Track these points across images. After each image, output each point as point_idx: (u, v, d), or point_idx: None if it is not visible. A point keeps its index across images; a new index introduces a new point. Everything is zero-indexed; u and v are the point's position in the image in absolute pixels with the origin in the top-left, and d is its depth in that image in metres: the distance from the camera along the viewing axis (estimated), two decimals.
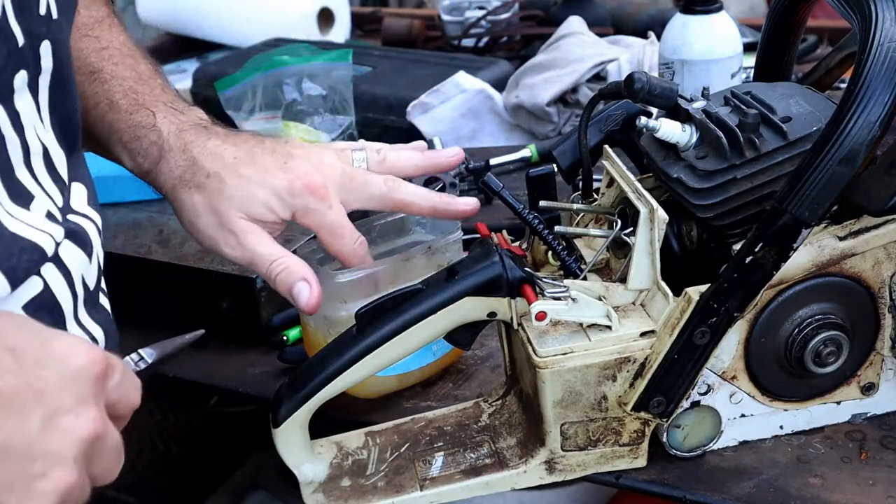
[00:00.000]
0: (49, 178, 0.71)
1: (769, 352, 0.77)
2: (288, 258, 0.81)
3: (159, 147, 0.85)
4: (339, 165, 0.84)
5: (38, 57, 0.69)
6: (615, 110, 0.86)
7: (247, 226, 0.82)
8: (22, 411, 0.52)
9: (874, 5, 0.69)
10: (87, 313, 0.73)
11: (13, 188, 0.67)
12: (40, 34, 0.69)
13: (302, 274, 0.80)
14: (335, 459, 0.81)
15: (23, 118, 0.68)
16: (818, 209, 0.69)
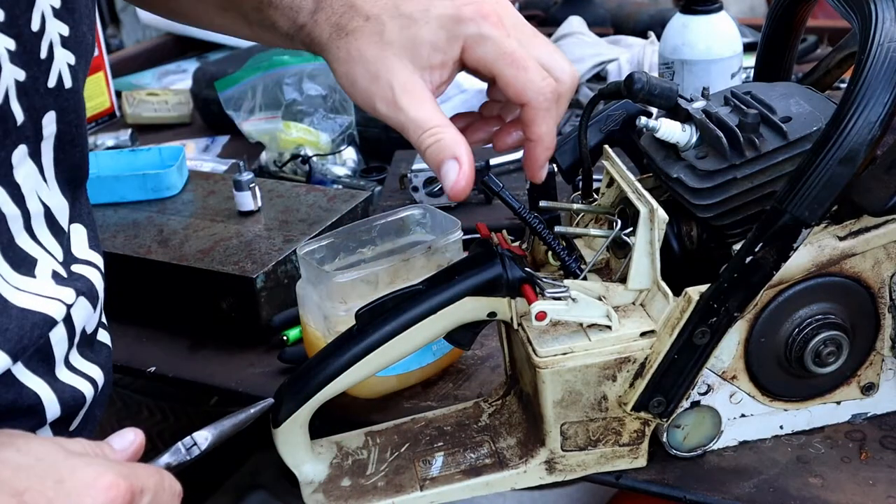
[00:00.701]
0: (50, 234, 0.69)
1: (769, 352, 0.77)
2: (444, 129, 0.71)
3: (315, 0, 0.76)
4: (517, 12, 0.74)
5: (38, 128, 0.67)
6: (615, 110, 0.86)
7: (407, 80, 0.71)
8: None
9: (874, 5, 0.69)
10: (81, 356, 0.71)
11: (15, 258, 0.65)
12: (44, 107, 0.67)
13: (455, 151, 0.70)
14: (335, 459, 0.81)
15: (24, 189, 0.66)
16: (818, 209, 0.69)
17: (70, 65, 0.69)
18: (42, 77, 0.66)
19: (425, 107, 0.71)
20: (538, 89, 0.71)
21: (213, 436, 0.68)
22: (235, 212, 1.09)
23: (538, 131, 0.73)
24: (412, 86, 0.72)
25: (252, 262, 0.99)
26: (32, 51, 0.65)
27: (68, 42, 0.68)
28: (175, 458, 0.68)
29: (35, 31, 0.65)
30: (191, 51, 1.90)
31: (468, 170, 0.70)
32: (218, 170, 1.38)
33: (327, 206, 1.09)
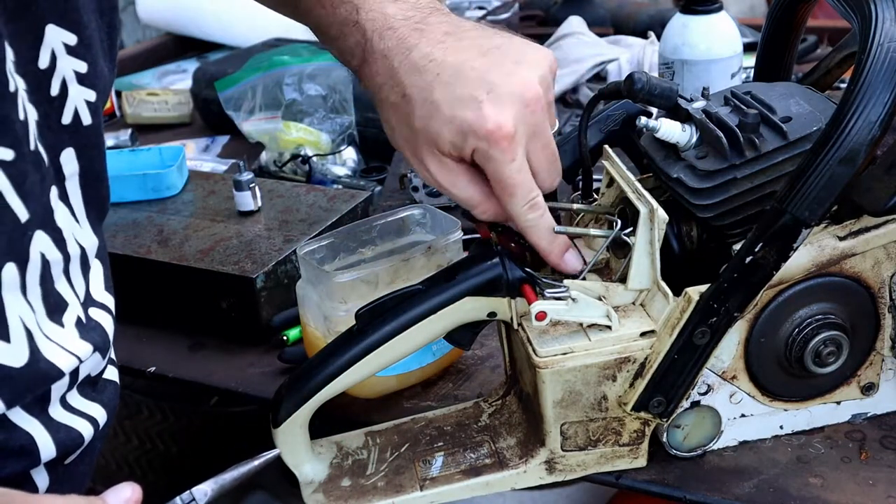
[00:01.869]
0: (80, 274, 0.69)
1: (769, 352, 0.77)
2: (481, 205, 0.76)
3: (362, 48, 0.76)
4: (545, 103, 0.74)
5: (58, 167, 0.67)
6: (615, 110, 0.86)
7: (438, 163, 0.75)
8: None
9: (874, 5, 0.69)
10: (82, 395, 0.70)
11: (51, 303, 0.65)
12: (59, 144, 0.67)
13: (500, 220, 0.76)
14: (335, 459, 0.81)
15: (64, 233, 0.66)
16: (818, 209, 0.69)
17: (88, 101, 0.69)
18: (54, 114, 0.66)
19: (459, 184, 0.75)
20: (518, 213, 0.75)
21: (212, 491, 0.67)
22: (235, 212, 1.09)
23: (533, 240, 0.76)
24: (443, 167, 0.75)
25: (252, 262, 0.99)
26: (41, 88, 0.64)
27: (85, 79, 0.68)
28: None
29: (44, 68, 0.64)
30: (191, 51, 1.90)
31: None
32: (218, 170, 1.38)
33: (327, 206, 1.09)
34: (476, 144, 0.72)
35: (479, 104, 0.71)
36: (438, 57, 0.73)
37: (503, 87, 0.72)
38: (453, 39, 0.74)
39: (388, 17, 0.75)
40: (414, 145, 0.75)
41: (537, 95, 0.73)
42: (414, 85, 0.73)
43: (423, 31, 0.75)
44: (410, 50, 0.74)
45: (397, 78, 0.74)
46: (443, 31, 0.75)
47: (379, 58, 0.75)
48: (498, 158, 0.72)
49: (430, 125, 0.73)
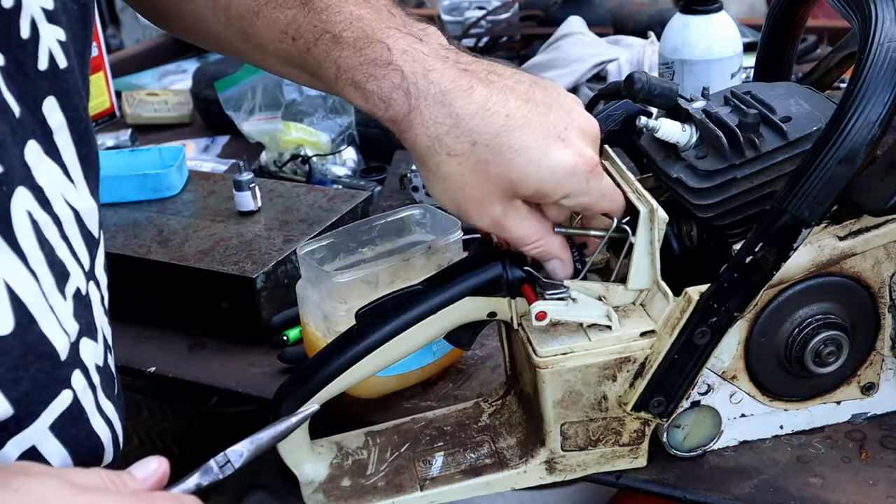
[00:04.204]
0: (82, 241, 0.65)
1: (769, 352, 0.77)
2: (544, 239, 0.73)
3: (405, 92, 0.69)
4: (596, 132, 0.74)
5: (42, 120, 0.62)
6: (615, 110, 0.86)
7: (510, 208, 0.71)
8: None
9: (874, 5, 0.69)
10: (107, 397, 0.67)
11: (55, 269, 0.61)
12: (39, 93, 0.61)
13: (555, 254, 0.74)
14: (335, 459, 0.81)
15: (47, 192, 0.61)
16: (818, 209, 0.69)
17: (60, 41, 0.63)
18: (29, 60, 0.60)
19: (525, 224, 0.72)
20: (619, 206, 0.74)
21: (248, 452, 0.63)
22: (235, 212, 1.09)
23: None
24: (514, 211, 0.72)
25: (252, 262, 0.99)
26: (9, 31, 0.59)
27: (54, 16, 0.62)
28: (206, 478, 0.62)
29: (8, 7, 0.58)
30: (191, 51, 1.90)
31: (568, 262, 0.75)
32: (218, 170, 1.38)
33: (327, 206, 1.09)
34: (575, 185, 0.70)
35: (566, 143, 0.69)
36: (500, 96, 0.69)
37: (573, 125, 0.70)
38: (498, 77, 0.71)
39: (425, 57, 0.69)
40: (484, 194, 0.70)
41: (597, 129, 0.73)
42: (486, 130, 0.68)
43: (469, 70, 0.70)
44: (469, 94, 0.68)
45: (464, 125, 0.68)
46: (484, 74, 0.70)
47: (434, 105, 0.68)
48: (596, 186, 0.71)
49: (512, 171, 0.69)
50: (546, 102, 0.70)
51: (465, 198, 0.71)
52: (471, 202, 0.71)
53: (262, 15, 0.75)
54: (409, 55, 0.69)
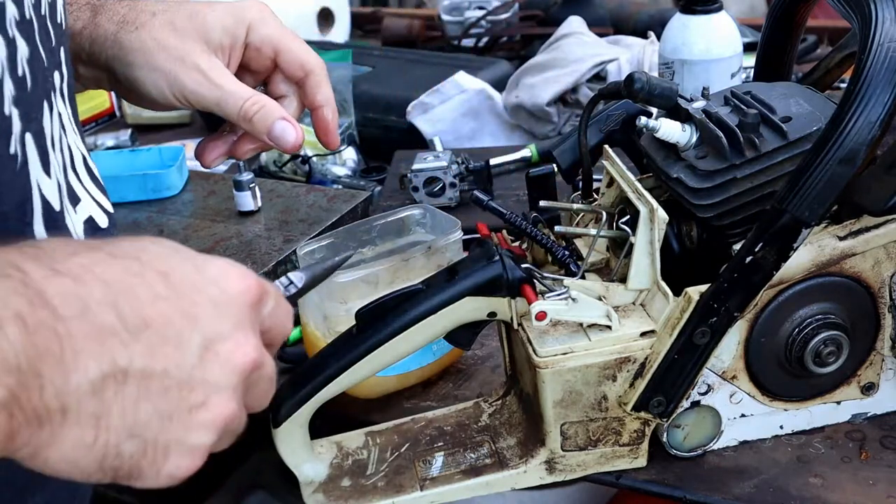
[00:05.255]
0: (92, 183, 0.70)
1: (769, 352, 0.77)
2: (262, 96, 0.77)
3: (91, 6, 0.79)
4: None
5: (60, 61, 0.67)
6: (615, 110, 0.86)
7: (210, 60, 0.77)
8: (179, 338, 0.49)
9: (874, 5, 0.69)
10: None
11: (68, 189, 0.66)
12: (60, 39, 0.68)
13: (280, 112, 0.77)
14: (335, 459, 0.81)
15: (63, 120, 0.66)
16: (818, 209, 0.69)
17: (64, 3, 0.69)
18: (57, 8, 0.66)
19: (235, 81, 0.77)
20: (316, 58, 0.80)
21: (306, 276, 0.68)
22: (235, 212, 1.09)
23: (326, 93, 0.80)
24: (217, 64, 0.77)
25: (252, 262, 0.99)
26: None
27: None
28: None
29: None
30: None
31: (297, 125, 0.78)
32: (218, 170, 1.38)
33: (327, 206, 1.09)
34: (250, 14, 0.78)
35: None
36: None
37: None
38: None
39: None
40: (178, 53, 0.76)
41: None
42: (159, 4, 0.78)
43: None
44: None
45: (138, 5, 0.78)
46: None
47: (114, 3, 0.79)
48: (274, 20, 0.79)
49: (196, 21, 0.77)
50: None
51: (170, 59, 0.77)
52: (175, 63, 0.76)
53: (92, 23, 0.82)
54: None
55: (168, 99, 0.77)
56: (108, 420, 0.48)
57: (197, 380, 0.50)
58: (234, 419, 0.52)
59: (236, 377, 0.51)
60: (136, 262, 0.50)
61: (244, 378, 0.52)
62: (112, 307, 0.48)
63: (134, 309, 0.49)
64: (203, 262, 0.53)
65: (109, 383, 0.48)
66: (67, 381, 0.47)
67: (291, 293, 0.67)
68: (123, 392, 0.48)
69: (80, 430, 0.47)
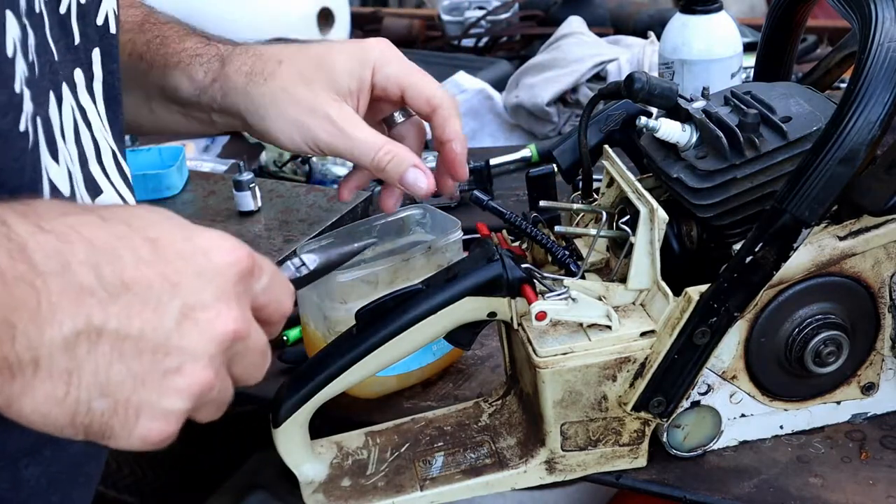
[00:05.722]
0: (120, 179, 0.71)
1: (769, 352, 0.77)
2: (393, 146, 0.78)
3: (220, 57, 0.82)
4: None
5: (90, 61, 0.69)
6: (615, 110, 0.86)
7: (340, 109, 0.78)
8: (157, 303, 0.50)
9: (874, 5, 0.69)
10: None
11: (87, 179, 0.67)
12: (93, 40, 0.69)
13: (411, 160, 0.78)
14: (335, 459, 0.81)
15: (88, 115, 0.68)
16: (818, 209, 0.69)
17: (115, 11, 0.72)
18: (93, 10, 0.69)
19: (367, 130, 0.78)
20: (443, 92, 0.80)
21: (320, 259, 0.68)
22: (235, 212, 1.09)
23: (454, 128, 0.80)
24: (347, 112, 0.78)
25: None
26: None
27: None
28: (286, 273, 0.66)
29: None
30: None
31: (429, 172, 0.79)
32: (218, 170, 1.38)
33: (327, 206, 1.09)
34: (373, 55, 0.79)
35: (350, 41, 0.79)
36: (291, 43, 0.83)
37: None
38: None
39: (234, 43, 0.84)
40: (308, 105, 0.78)
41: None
42: (284, 52, 0.81)
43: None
44: (267, 46, 0.83)
45: (267, 56, 0.80)
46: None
47: (241, 55, 0.82)
48: (398, 56, 0.80)
49: (323, 69, 0.79)
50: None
51: (301, 111, 0.79)
52: (307, 114, 0.79)
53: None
54: (223, 42, 0.84)
55: (301, 147, 0.80)
56: (80, 377, 0.49)
57: (173, 345, 0.51)
58: (209, 387, 0.53)
59: (214, 346, 0.52)
60: (126, 227, 0.51)
61: (223, 348, 0.52)
62: (93, 267, 0.49)
63: (115, 271, 0.50)
64: (194, 231, 0.53)
65: (83, 341, 0.49)
66: (41, 335, 0.48)
67: (302, 275, 0.67)
68: (96, 351, 0.49)
69: (51, 384, 0.49)
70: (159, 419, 0.51)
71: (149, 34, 0.86)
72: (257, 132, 0.82)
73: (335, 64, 0.79)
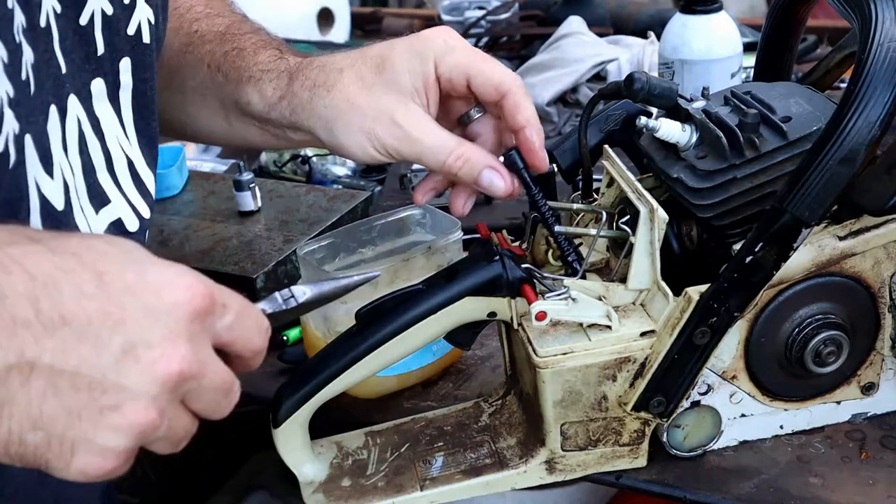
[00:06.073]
0: (135, 189, 0.71)
1: (769, 352, 0.77)
2: (464, 148, 0.75)
3: (289, 73, 0.81)
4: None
5: (116, 70, 0.69)
6: (615, 110, 0.86)
7: (406, 111, 0.75)
8: (96, 339, 0.50)
9: (874, 5, 0.69)
10: None
11: (92, 189, 0.67)
12: (122, 50, 0.70)
13: (486, 161, 0.75)
14: (335, 459, 0.81)
15: (103, 125, 0.68)
16: (818, 209, 0.69)
17: (150, 21, 0.73)
18: (124, 20, 0.69)
19: (435, 132, 0.75)
20: (511, 76, 0.75)
21: (311, 293, 0.65)
22: (235, 212, 1.09)
23: (527, 114, 0.75)
24: (414, 115, 0.75)
25: (252, 262, 0.99)
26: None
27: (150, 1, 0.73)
28: (271, 306, 0.64)
29: None
30: None
31: (505, 172, 0.75)
32: (218, 170, 1.38)
33: (327, 206, 1.09)
34: (434, 46, 0.75)
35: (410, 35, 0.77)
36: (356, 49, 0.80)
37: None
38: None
39: (305, 55, 0.83)
40: (371, 111, 0.76)
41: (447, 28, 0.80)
42: (345, 60, 0.79)
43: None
44: (332, 55, 0.81)
45: (330, 65, 0.79)
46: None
47: (307, 68, 0.81)
48: (460, 44, 0.77)
49: (383, 71, 0.76)
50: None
51: (367, 118, 0.76)
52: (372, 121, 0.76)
53: (186, 54, 0.87)
54: (293, 54, 0.83)
55: (373, 156, 0.77)
56: (12, 409, 0.49)
57: (110, 382, 0.50)
58: (152, 426, 0.52)
59: (156, 386, 0.51)
60: (75, 259, 0.51)
61: (168, 388, 0.51)
62: (31, 301, 0.49)
63: (54, 304, 0.49)
64: (149, 267, 0.53)
65: (15, 374, 0.49)
66: None
67: (288, 307, 0.64)
68: (29, 384, 0.49)
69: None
70: (96, 455, 0.51)
71: (227, 45, 0.85)
72: (331, 147, 0.80)
73: (395, 63, 0.75)
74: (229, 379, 0.55)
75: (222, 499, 1.30)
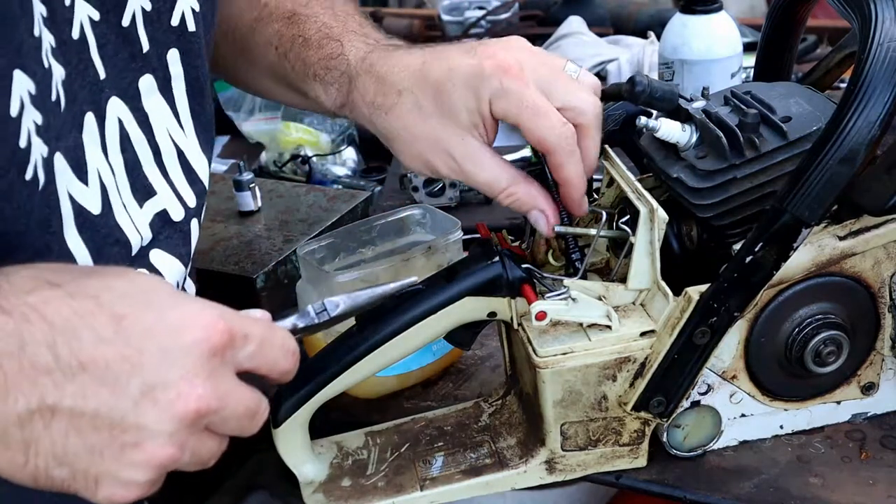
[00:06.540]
0: (184, 177, 0.73)
1: (769, 351, 0.77)
2: (515, 186, 0.75)
3: (348, 76, 0.80)
4: (539, 51, 0.77)
5: (164, 63, 0.71)
6: (615, 110, 0.86)
7: (462, 144, 0.75)
8: (115, 382, 0.52)
9: (874, 5, 0.69)
10: None
11: (136, 184, 0.69)
12: (167, 42, 0.71)
13: (533, 203, 0.76)
14: (335, 459, 0.81)
15: (152, 119, 0.70)
16: (818, 209, 0.69)
17: (194, 10, 0.74)
18: (166, 13, 0.71)
19: (488, 168, 0.75)
20: (559, 135, 0.73)
21: (345, 304, 0.65)
22: (235, 212, 1.09)
23: (565, 174, 0.75)
24: (469, 148, 0.75)
25: (252, 262, 0.99)
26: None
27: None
28: (303, 321, 0.65)
29: None
30: None
31: (551, 213, 0.76)
32: (218, 170, 1.38)
33: (327, 206, 1.09)
34: (490, 87, 0.73)
35: (470, 54, 0.74)
36: (418, 52, 0.78)
37: (487, 43, 0.76)
38: (426, 46, 0.80)
39: (368, 45, 0.81)
40: (428, 143, 0.76)
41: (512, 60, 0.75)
42: (406, 80, 0.76)
43: (398, 47, 0.80)
44: (389, 58, 0.78)
45: (387, 81, 0.77)
46: (414, 46, 0.81)
47: (364, 76, 0.78)
48: (515, 88, 0.73)
49: (440, 103, 0.74)
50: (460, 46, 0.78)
51: (423, 147, 0.76)
52: (428, 150, 0.76)
53: (256, 31, 0.87)
54: (356, 47, 0.81)
55: (431, 175, 0.79)
56: (38, 448, 0.52)
57: (130, 423, 0.52)
58: (172, 461, 0.54)
59: (174, 425, 0.53)
60: (93, 302, 0.53)
61: (186, 425, 0.53)
62: (50, 347, 0.51)
63: (73, 350, 0.51)
64: (169, 306, 0.54)
65: (37, 417, 0.51)
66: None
67: (321, 321, 0.65)
68: (52, 426, 0.51)
69: (10, 453, 0.52)
70: (121, 487, 0.53)
71: (294, 29, 0.85)
72: (393, 153, 0.80)
73: (452, 97, 0.74)
74: (254, 404, 0.57)
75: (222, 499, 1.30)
